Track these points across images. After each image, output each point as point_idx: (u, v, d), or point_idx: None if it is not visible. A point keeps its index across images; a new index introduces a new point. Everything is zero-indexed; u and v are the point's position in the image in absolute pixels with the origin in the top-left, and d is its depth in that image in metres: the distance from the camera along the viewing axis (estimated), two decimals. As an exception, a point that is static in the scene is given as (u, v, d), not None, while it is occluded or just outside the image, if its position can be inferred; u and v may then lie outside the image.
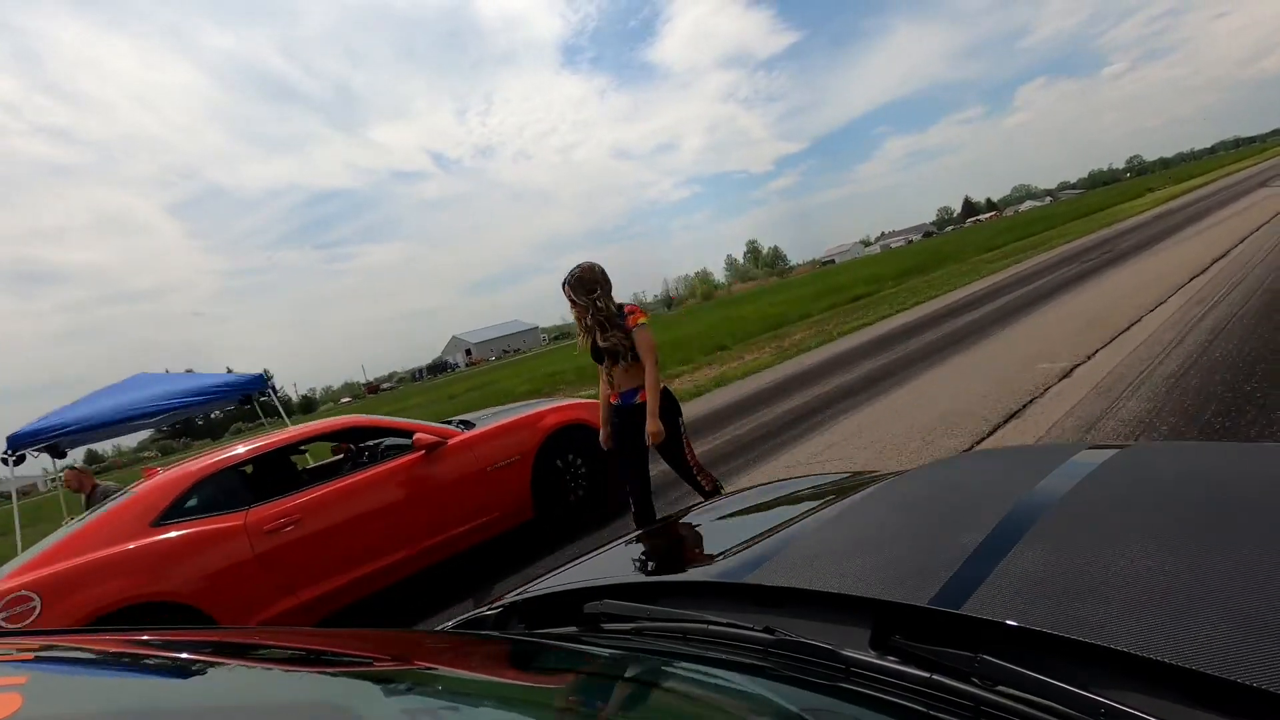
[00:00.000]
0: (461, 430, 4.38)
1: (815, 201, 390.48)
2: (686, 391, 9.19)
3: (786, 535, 0.99)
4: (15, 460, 6.41)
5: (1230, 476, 0.87)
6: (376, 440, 4.48)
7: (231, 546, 3.33)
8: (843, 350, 9.27)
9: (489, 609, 1.07)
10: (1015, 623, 0.58)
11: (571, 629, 0.94)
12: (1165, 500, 0.82)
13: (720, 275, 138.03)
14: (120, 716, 0.54)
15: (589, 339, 3.09)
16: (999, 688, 0.54)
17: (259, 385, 8.04)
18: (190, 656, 0.77)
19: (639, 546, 1.35)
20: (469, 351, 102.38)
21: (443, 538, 3.97)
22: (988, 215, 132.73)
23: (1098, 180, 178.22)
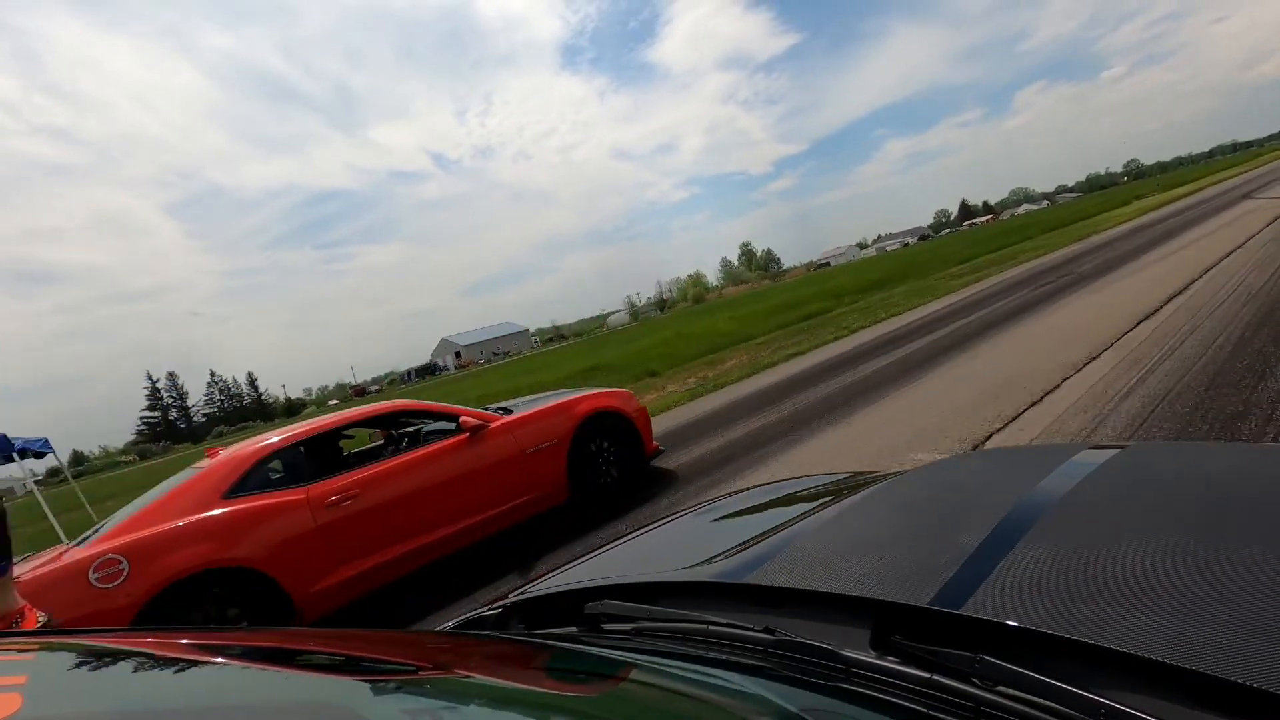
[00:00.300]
0: (501, 415, 4.65)
1: (815, 203, 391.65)
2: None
3: (786, 535, 0.99)
4: None
5: (1230, 477, 0.87)
6: (415, 426, 4.86)
7: (295, 518, 3.62)
8: (755, 390, 8.45)
9: (489, 609, 1.07)
10: (1015, 623, 0.58)
11: (571, 629, 0.94)
12: (1165, 500, 0.82)
13: (717, 277, 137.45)
14: (120, 716, 0.54)
15: None
16: (999, 688, 0.54)
17: (36, 447, 9.39)
18: (190, 657, 0.77)
19: (639, 546, 1.35)
20: (458, 354, 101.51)
21: (485, 515, 4.23)
22: (984, 219, 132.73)
23: (1095, 184, 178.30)
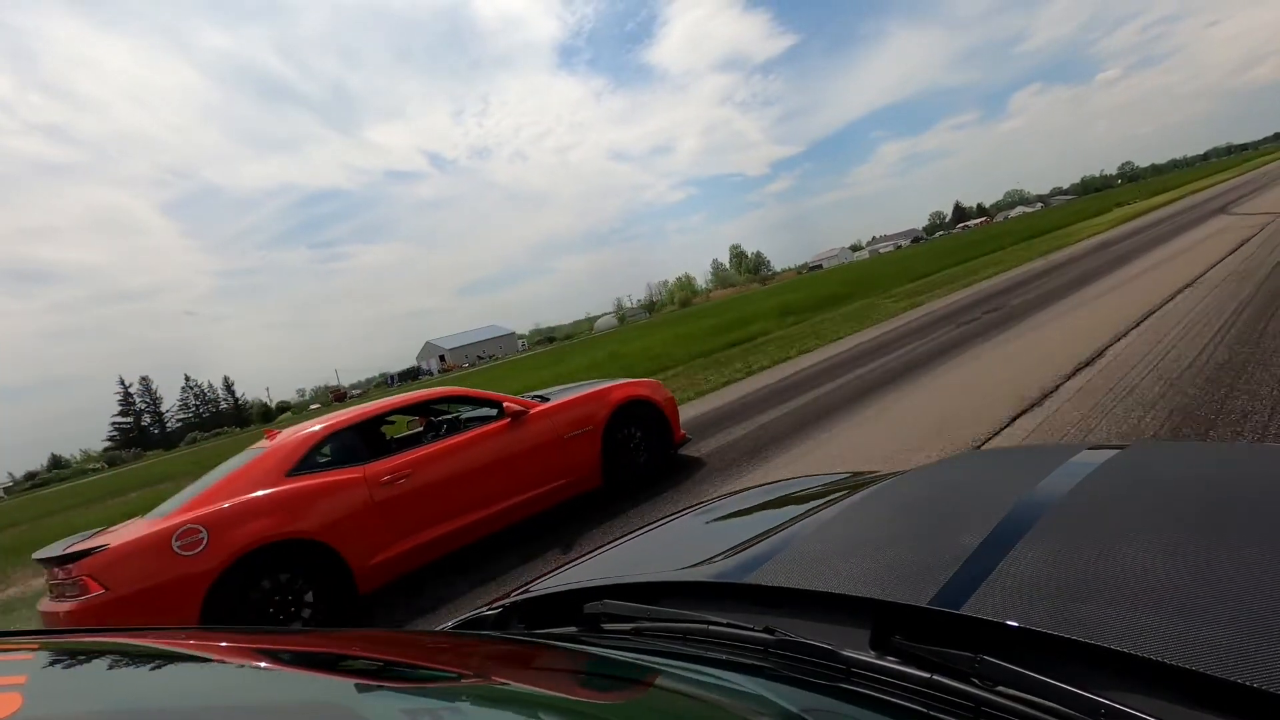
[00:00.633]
0: (539, 402, 4.90)
1: (812, 205, 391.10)
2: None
3: (786, 535, 0.99)
4: None
5: (1230, 477, 0.87)
6: (453, 414, 5.16)
7: (354, 494, 3.87)
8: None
9: (489, 609, 1.07)
10: (1016, 623, 0.58)
11: (571, 629, 0.94)
12: (1165, 500, 0.82)
13: (706, 280, 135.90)
14: (120, 716, 0.54)
15: None
16: (999, 688, 0.54)
17: None
18: (190, 657, 0.77)
19: (639, 546, 1.35)
20: (443, 357, 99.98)
21: (527, 496, 4.49)
22: (977, 221, 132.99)
23: (1089, 186, 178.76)
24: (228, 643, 0.87)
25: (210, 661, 0.75)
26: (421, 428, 5.36)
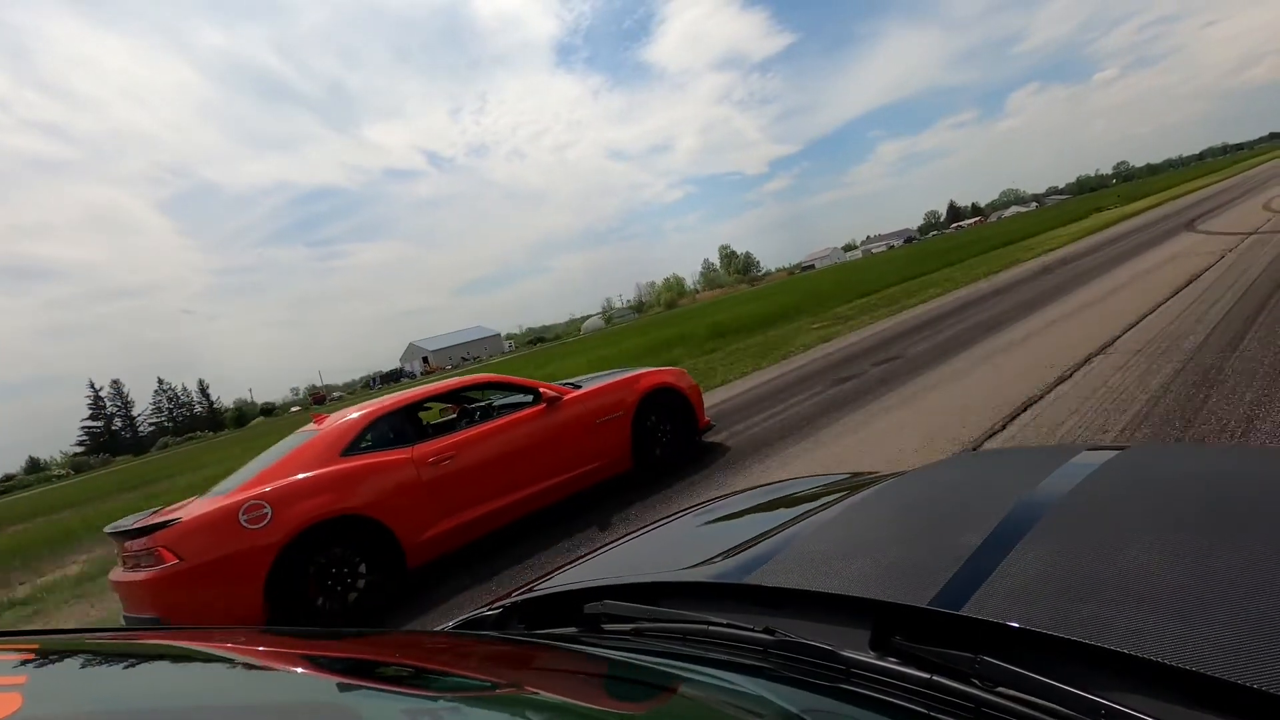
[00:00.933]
0: (572, 389, 5.12)
1: (810, 204, 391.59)
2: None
3: (786, 536, 0.99)
4: None
5: (1229, 478, 0.87)
6: (484, 401, 5.38)
7: (403, 474, 4.08)
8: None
9: (489, 609, 1.07)
10: (1016, 624, 0.58)
11: (571, 630, 0.94)
12: (1165, 501, 0.82)
13: (695, 281, 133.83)
14: (120, 716, 0.54)
15: None
16: (999, 689, 0.54)
17: None
18: (191, 657, 0.77)
19: (639, 547, 1.35)
20: (426, 359, 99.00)
21: (563, 478, 4.70)
22: (970, 221, 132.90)
23: (1084, 186, 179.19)
24: (228, 643, 0.87)
25: (210, 661, 0.75)
26: (454, 415, 5.53)
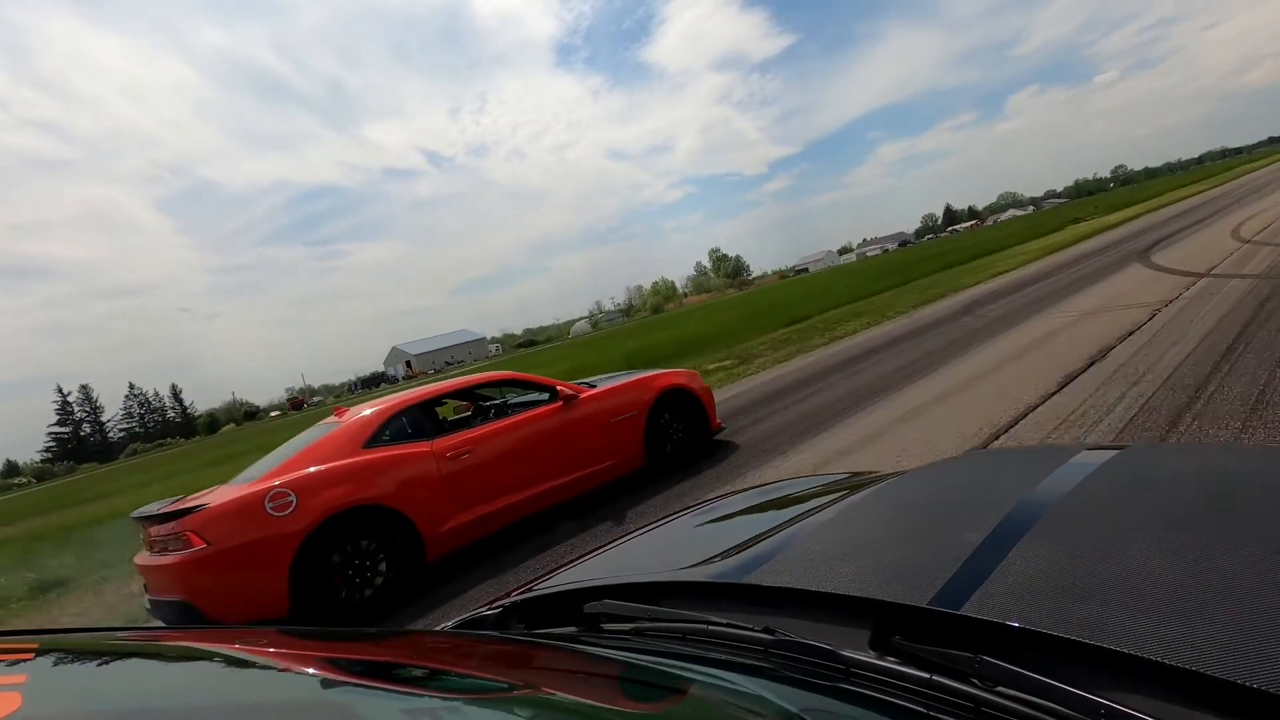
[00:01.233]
0: (588, 388, 5.21)
1: (810, 205, 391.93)
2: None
3: (786, 535, 0.99)
4: None
5: (1229, 477, 0.87)
6: (500, 399, 5.44)
7: (423, 467, 4.16)
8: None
9: (489, 609, 1.07)
10: (1016, 623, 0.58)
11: (571, 629, 0.94)
12: (1165, 501, 0.82)
13: (684, 284, 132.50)
14: (120, 716, 0.54)
15: None
16: (999, 688, 0.54)
17: None
18: (191, 656, 0.77)
19: (639, 546, 1.35)
20: (409, 363, 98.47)
21: (578, 474, 4.80)
22: (966, 225, 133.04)
23: (1082, 189, 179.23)
24: (228, 642, 0.87)
25: (211, 661, 0.75)
26: (469, 412, 5.62)
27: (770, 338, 15.55)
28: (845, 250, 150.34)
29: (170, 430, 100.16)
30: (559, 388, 4.97)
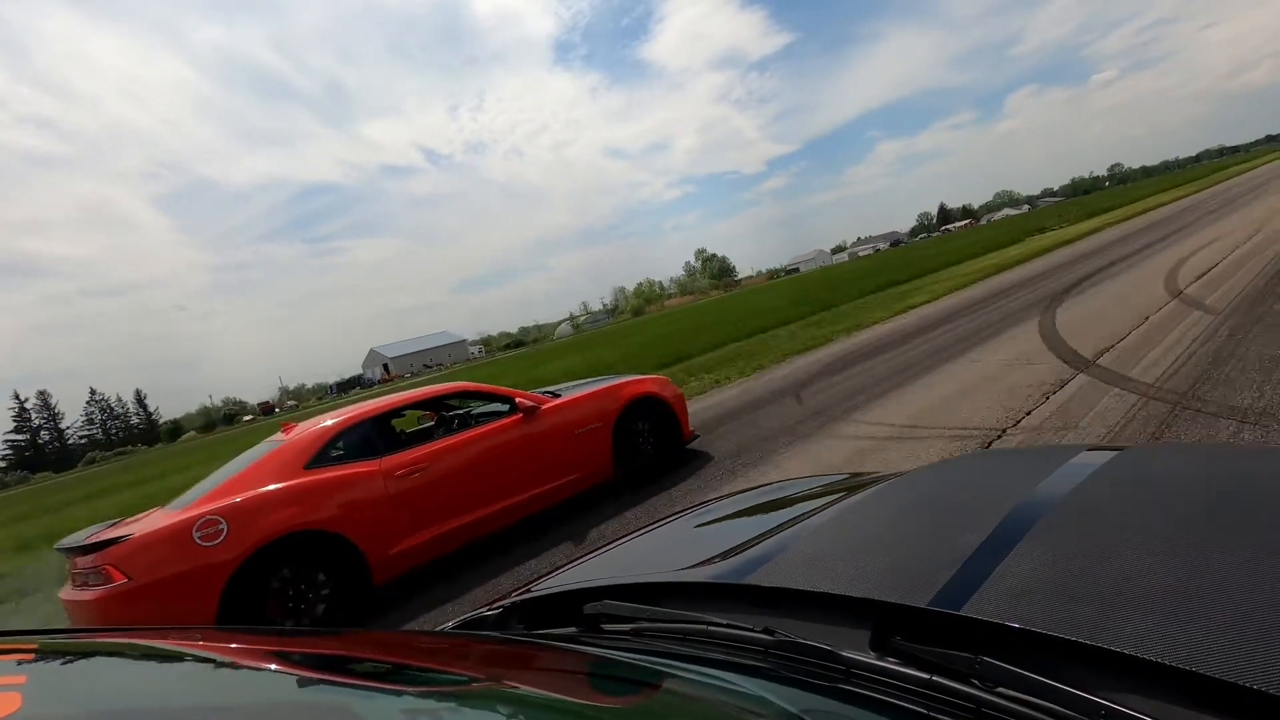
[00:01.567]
0: (551, 398, 4.97)
1: (809, 203, 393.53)
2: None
3: (786, 536, 0.99)
4: None
5: (1229, 478, 0.87)
6: (464, 409, 5.23)
7: (370, 487, 3.93)
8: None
9: (489, 609, 1.07)
10: (1016, 624, 0.58)
11: (571, 630, 0.94)
12: (1165, 502, 0.82)
13: (671, 285, 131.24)
14: (120, 716, 0.54)
15: None
16: (999, 689, 0.54)
17: None
18: (190, 657, 0.77)
19: (638, 547, 1.35)
20: (386, 366, 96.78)
21: (539, 490, 4.56)
22: (959, 224, 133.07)
23: (1079, 188, 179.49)
24: (228, 643, 0.87)
25: (210, 662, 0.75)
26: (433, 422, 5.45)
27: (724, 351, 13.40)
28: (839, 249, 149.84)
29: (133, 437, 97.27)
30: (518, 399, 4.70)
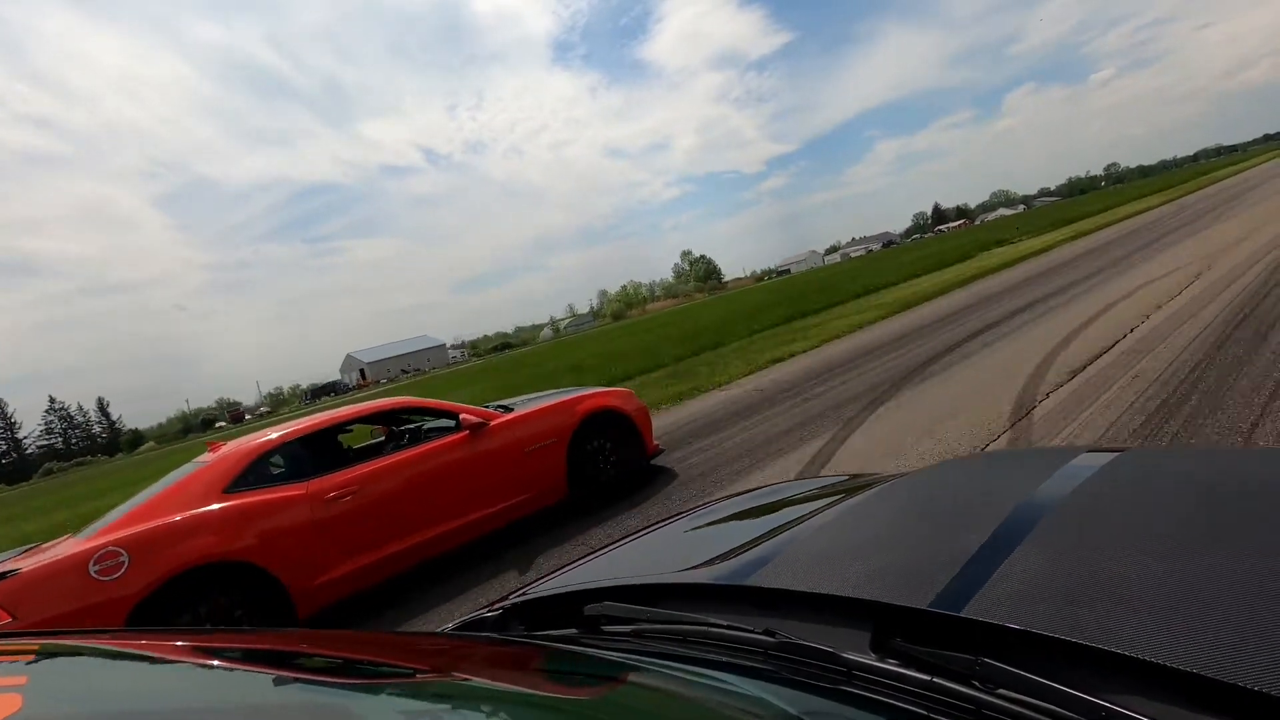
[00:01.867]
0: (501, 413, 4.67)
1: (808, 202, 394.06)
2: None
3: (787, 537, 0.99)
4: None
5: (1229, 480, 0.87)
6: (416, 423, 4.89)
7: (295, 513, 3.64)
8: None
9: (489, 611, 1.07)
10: (1016, 625, 0.58)
11: (571, 631, 0.94)
12: (1165, 503, 0.82)
13: (661, 288, 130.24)
14: (120, 717, 0.54)
15: None
16: (1000, 691, 0.54)
17: None
18: (190, 658, 0.77)
19: (639, 548, 1.35)
20: (363, 372, 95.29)
21: (484, 513, 4.27)
22: (954, 224, 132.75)
23: (1075, 187, 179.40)
24: (228, 644, 0.87)
25: (210, 663, 0.75)
26: (384, 437, 5.18)
27: (674, 369, 12.17)
28: (832, 250, 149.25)
29: (95, 447, 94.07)
30: (464, 415, 4.40)
